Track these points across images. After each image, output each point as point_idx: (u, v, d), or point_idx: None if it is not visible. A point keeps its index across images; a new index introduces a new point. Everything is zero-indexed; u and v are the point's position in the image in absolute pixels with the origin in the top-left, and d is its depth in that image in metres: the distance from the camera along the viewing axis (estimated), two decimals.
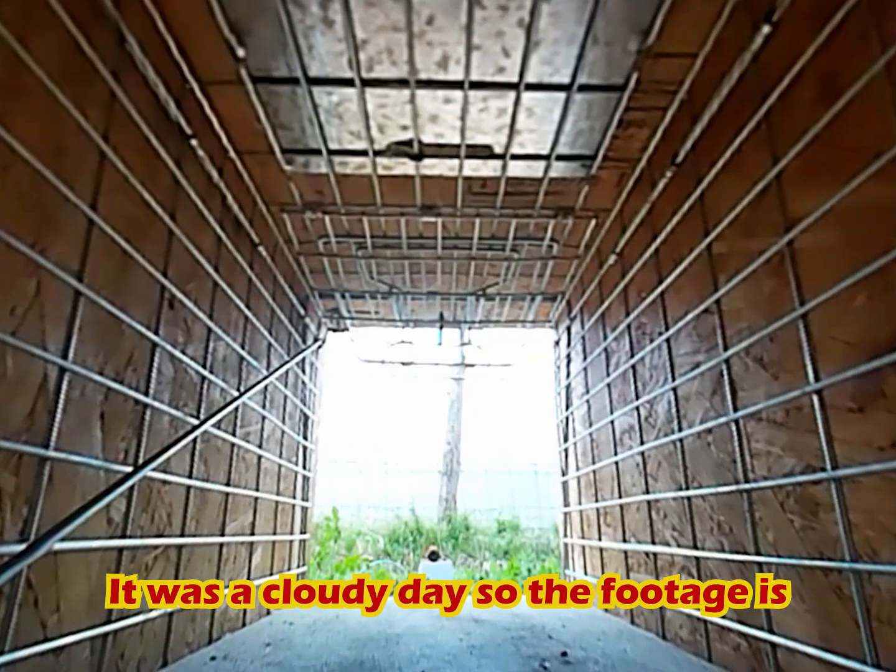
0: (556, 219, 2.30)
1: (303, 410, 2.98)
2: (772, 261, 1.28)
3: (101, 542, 1.20)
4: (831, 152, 1.10)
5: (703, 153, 1.60)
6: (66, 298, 1.10)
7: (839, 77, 1.07)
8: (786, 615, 1.23)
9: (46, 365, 1.04)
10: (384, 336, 3.82)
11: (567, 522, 3.15)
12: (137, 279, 1.35)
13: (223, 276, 1.84)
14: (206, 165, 1.71)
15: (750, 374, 1.37)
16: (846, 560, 1.04)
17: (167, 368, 1.50)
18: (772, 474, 1.28)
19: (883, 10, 0.98)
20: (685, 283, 1.71)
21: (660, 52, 1.51)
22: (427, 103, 1.69)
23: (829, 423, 1.10)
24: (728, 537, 1.47)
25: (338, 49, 1.51)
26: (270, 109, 1.73)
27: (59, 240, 1.07)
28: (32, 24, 1.00)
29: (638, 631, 1.98)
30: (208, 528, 1.76)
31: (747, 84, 1.37)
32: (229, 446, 1.93)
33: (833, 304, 1.09)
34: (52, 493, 1.05)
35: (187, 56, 1.52)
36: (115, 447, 1.26)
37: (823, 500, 1.12)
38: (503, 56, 1.52)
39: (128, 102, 1.28)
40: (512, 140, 1.83)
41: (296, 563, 2.87)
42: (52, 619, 1.06)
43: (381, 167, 2.00)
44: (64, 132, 1.09)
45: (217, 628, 1.81)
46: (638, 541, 2.07)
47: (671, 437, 1.78)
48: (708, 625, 1.54)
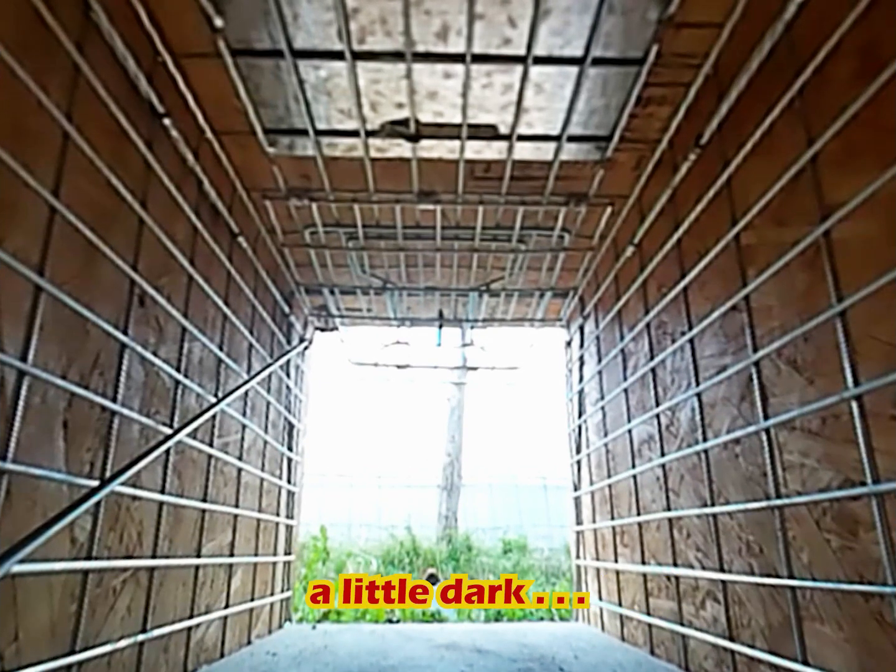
0: (567, 206, 2.30)
1: (287, 418, 2.98)
2: (806, 253, 1.28)
3: (65, 563, 1.20)
4: (872, 133, 1.10)
5: (730, 133, 1.60)
6: (26, 294, 1.10)
7: (880, 49, 1.07)
8: (822, 644, 1.23)
9: (3, 368, 1.04)
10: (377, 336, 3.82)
11: (580, 542, 3.16)
12: (104, 273, 1.35)
13: (199, 270, 1.84)
14: (180, 147, 1.71)
15: (782, 379, 1.37)
16: (889, 584, 1.04)
17: (137, 372, 1.50)
18: (806, 489, 1.28)
19: None
20: (710, 277, 1.71)
21: (682, 22, 1.51)
22: (425, 79, 1.69)
23: (870, 432, 1.10)
24: (758, 559, 1.47)
25: (326, 18, 1.51)
26: (251, 85, 1.74)
27: (17, 230, 1.07)
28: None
29: (658, 662, 1.98)
30: (183, 549, 1.76)
31: (779, 57, 1.37)
32: (206, 458, 1.93)
33: (874, 301, 1.09)
34: (10, 509, 1.05)
35: (159, 26, 1.51)
36: (80, 459, 1.26)
37: (863, 517, 1.12)
38: (509, 26, 1.52)
39: (94, 77, 1.28)
40: (519, 119, 1.83)
41: (279, 587, 2.87)
42: (10, 650, 1.06)
43: (374, 149, 2.00)
44: (22, 110, 1.09)
45: (193, 659, 1.81)
46: (658, 563, 2.07)
47: (695, 447, 1.78)
48: (736, 655, 1.54)
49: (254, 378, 2.19)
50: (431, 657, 2.07)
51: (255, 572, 2.48)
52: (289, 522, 3.02)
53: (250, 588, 2.42)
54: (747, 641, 1.50)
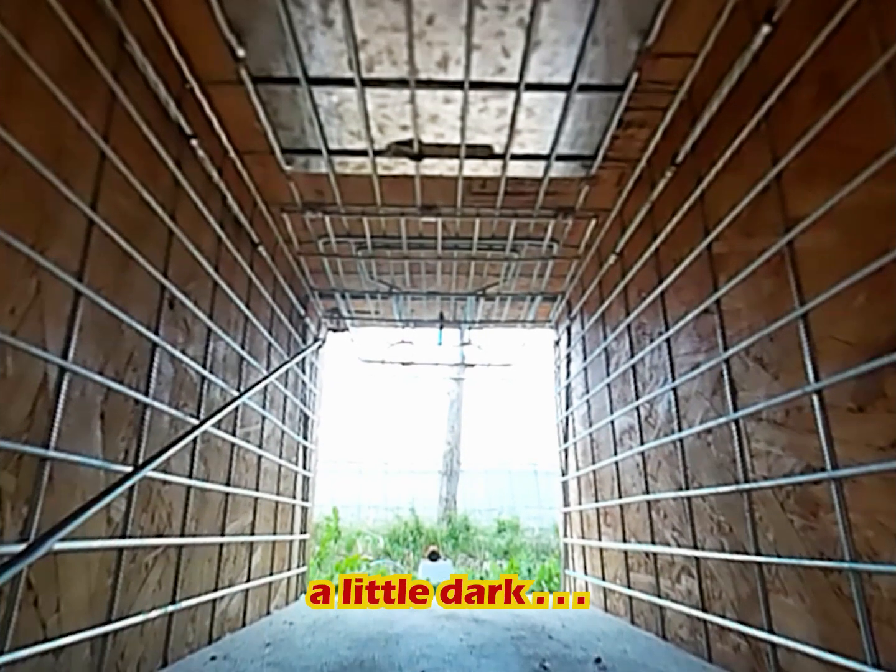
0: (556, 219, 2.30)
1: (303, 410, 2.98)
2: (772, 261, 1.28)
3: (101, 542, 1.20)
4: (831, 152, 1.10)
5: (702, 153, 1.60)
6: (66, 298, 1.10)
7: (839, 77, 1.07)
8: (786, 615, 1.23)
9: (46, 365, 1.04)
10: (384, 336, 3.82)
11: (567, 522, 3.16)
12: (137, 279, 1.35)
13: (223, 276, 1.84)
14: (206, 165, 1.71)
15: (750, 374, 1.37)
16: (846, 560, 1.04)
17: (167, 368, 1.50)
18: (772, 474, 1.28)
19: (883, 11, 0.98)
20: (685, 283, 1.71)
21: (660, 52, 1.51)
22: (427, 103, 1.69)
23: (830, 423, 1.10)
24: (728, 537, 1.47)
25: (338, 49, 1.51)
26: (270, 109, 1.73)
27: (59, 240, 1.07)
28: (32, 24, 1.00)
29: (638, 631, 1.98)
30: (208, 528, 1.76)
31: (747, 84, 1.37)
32: (229, 446, 1.93)
33: (833, 305, 1.09)
34: (52, 493, 1.05)
35: (187, 56, 1.52)
36: (115, 447, 1.26)
37: (823, 500, 1.12)
38: (503, 56, 1.52)
39: (128, 102, 1.28)
40: (512, 140, 1.83)
41: (296, 562, 2.87)
42: (52, 619, 1.06)
43: (381, 167, 2.00)
44: (64, 132, 1.09)
45: (217, 628, 1.81)
46: (638, 541, 2.07)
47: (671, 437, 1.78)
48: (708, 625, 1.54)
49: (272, 374, 2.19)
50: (433, 626, 2.07)
51: (274, 549, 2.48)
52: (304, 504, 3.02)
53: (269, 564, 2.42)
54: (718, 612, 1.50)
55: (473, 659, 1.57)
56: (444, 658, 1.58)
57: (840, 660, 1.05)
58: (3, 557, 0.91)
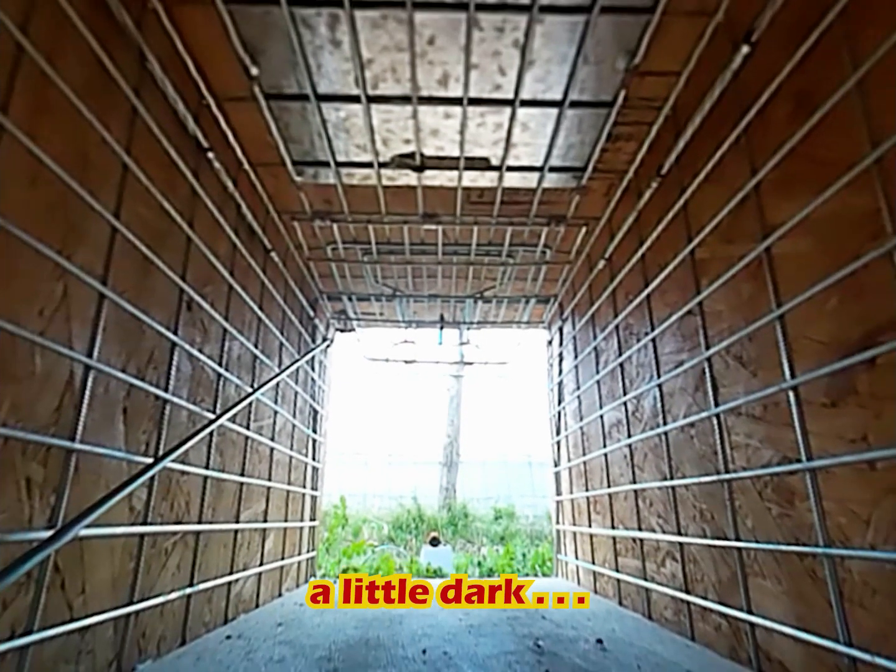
0: (548, 226, 2.30)
1: (312, 405, 2.98)
2: (750, 266, 1.28)
3: (124, 528, 1.21)
4: (806, 164, 1.10)
5: (686, 165, 1.60)
6: (91, 301, 1.10)
7: (813, 94, 1.07)
8: (764, 596, 1.23)
9: (73, 363, 1.04)
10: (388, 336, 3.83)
11: (559, 510, 3.16)
12: (157, 283, 1.35)
13: (238, 280, 1.84)
14: (221, 176, 1.71)
15: (730, 372, 1.37)
16: (820, 545, 1.04)
17: (185, 366, 1.50)
18: (751, 465, 1.28)
19: (854, 32, 0.98)
20: (670, 286, 1.71)
21: (646, 71, 1.51)
22: (428, 118, 1.69)
23: (804, 417, 1.10)
24: (710, 524, 1.47)
25: (345, 67, 1.51)
26: (282, 124, 1.74)
27: (84, 246, 1.07)
28: (59, 44, 1.00)
29: (625, 612, 1.98)
30: (224, 516, 1.76)
31: (727, 100, 1.37)
32: (243, 439, 1.93)
33: (807, 307, 1.09)
34: (78, 482, 1.05)
35: (204, 74, 1.52)
36: (137, 440, 1.27)
37: (799, 489, 1.12)
38: (499, 74, 1.52)
39: (148, 117, 1.28)
40: (508, 153, 1.83)
41: (306, 548, 2.87)
42: (78, 601, 1.06)
43: (386, 178, 2.00)
44: (88, 145, 1.09)
45: (232, 609, 1.81)
46: (625, 527, 2.07)
47: (656, 430, 1.78)
48: (691, 606, 1.54)
49: (284, 371, 2.19)
50: (434, 607, 2.07)
51: (285, 536, 2.48)
52: (313, 493, 3.02)
53: (281, 549, 2.42)
54: (701, 594, 1.50)
55: (472, 638, 1.57)
56: (444, 637, 1.58)
57: (814, 638, 1.05)
58: (33, 543, 0.92)
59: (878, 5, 0.94)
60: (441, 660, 1.34)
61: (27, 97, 0.92)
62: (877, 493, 0.93)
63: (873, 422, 0.93)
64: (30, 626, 0.93)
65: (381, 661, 1.32)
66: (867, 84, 0.95)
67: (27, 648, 0.92)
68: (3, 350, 0.88)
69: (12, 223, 0.88)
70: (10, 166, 0.89)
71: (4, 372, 0.88)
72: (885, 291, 0.90)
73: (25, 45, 0.91)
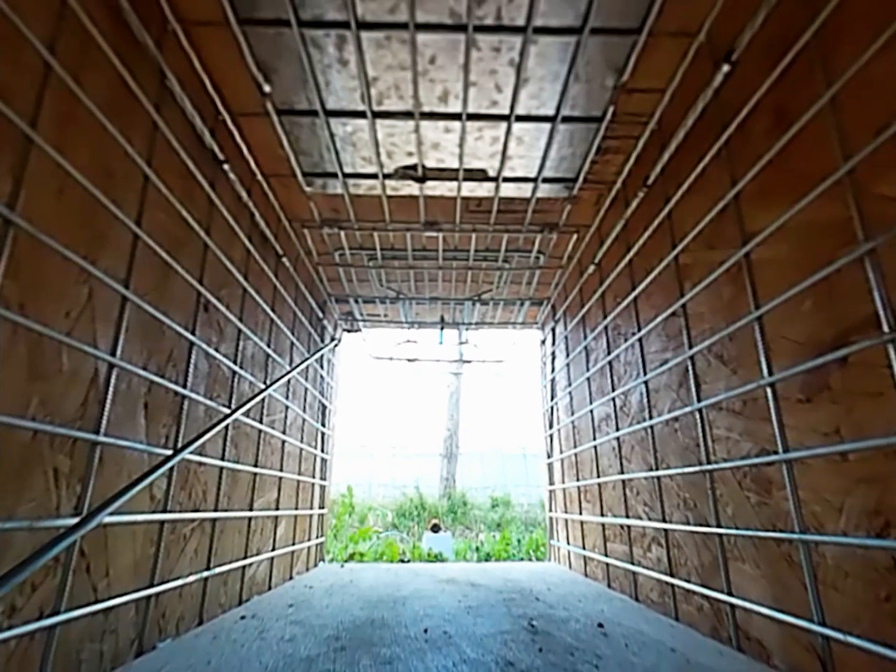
0: (542, 234, 2.30)
1: (321, 401, 2.98)
2: (731, 270, 1.28)
3: (145, 515, 1.20)
4: (783, 175, 1.10)
5: (670, 176, 1.60)
6: (115, 303, 1.10)
7: (790, 109, 1.07)
8: (743, 579, 1.23)
9: (97, 361, 1.04)
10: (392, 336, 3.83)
11: (552, 499, 3.16)
12: (176, 286, 1.35)
13: (251, 284, 1.84)
14: (236, 187, 1.71)
15: (712, 370, 1.37)
16: (796, 532, 1.04)
17: (202, 364, 1.50)
18: (731, 457, 1.28)
19: (828, 52, 0.98)
20: (655, 289, 1.71)
21: (633, 88, 1.51)
22: (430, 133, 1.69)
23: (781, 412, 1.10)
24: (693, 512, 1.47)
25: (351, 85, 1.51)
26: (293, 138, 1.73)
27: (107, 252, 1.07)
28: (85, 62, 1.00)
29: (614, 594, 1.98)
30: (238, 504, 1.76)
31: (709, 116, 1.37)
32: (257, 432, 1.93)
33: (784, 309, 1.09)
34: (102, 473, 1.05)
35: (220, 91, 1.52)
36: (157, 433, 1.26)
37: (776, 479, 1.12)
38: (496, 91, 1.52)
39: (168, 132, 1.28)
40: (504, 165, 1.83)
41: (315, 534, 2.87)
42: (102, 584, 1.06)
43: (390, 188, 2.00)
44: (112, 158, 1.09)
45: (246, 591, 1.81)
46: (614, 515, 2.07)
47: (643, 424, 1.78)
48: (675, 588, 1.54)
49: (294, 369, 2.19)
50: (435, 589, 2.07)
51: (296, 522, 2.48)
52: (322, 483, 3.02)
53: (292, 535, 2.42)
54: (684, 577, 1.50)
55: (470, 618, 1.57)
56: (444, 617, 1.58)
57: (790, 619, 1.05)
58: (60, 529, 0.92)
59: (849, 27, 0.94)
60: (441, 638, 1.34)
61: (55, 112, 0.92)
62: (849, 482, 0.93)
63: (845, 416, 0.93)
64: (57, 608, 0.93)
65: (385, 640, 1.32)
66: (840, 100, 0.95)
67: (55, 628, 0.92)
68: (32, 349, 0.88)
69: (41, 230, 0.88)
70: (39, 177, 0.89)
71: (34, 369, 0.88)
72: (856, 294, 0.90)
73: (53, 63, 0.91)
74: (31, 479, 0.88)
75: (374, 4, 1.26)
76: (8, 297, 0.83)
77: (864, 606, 0.89)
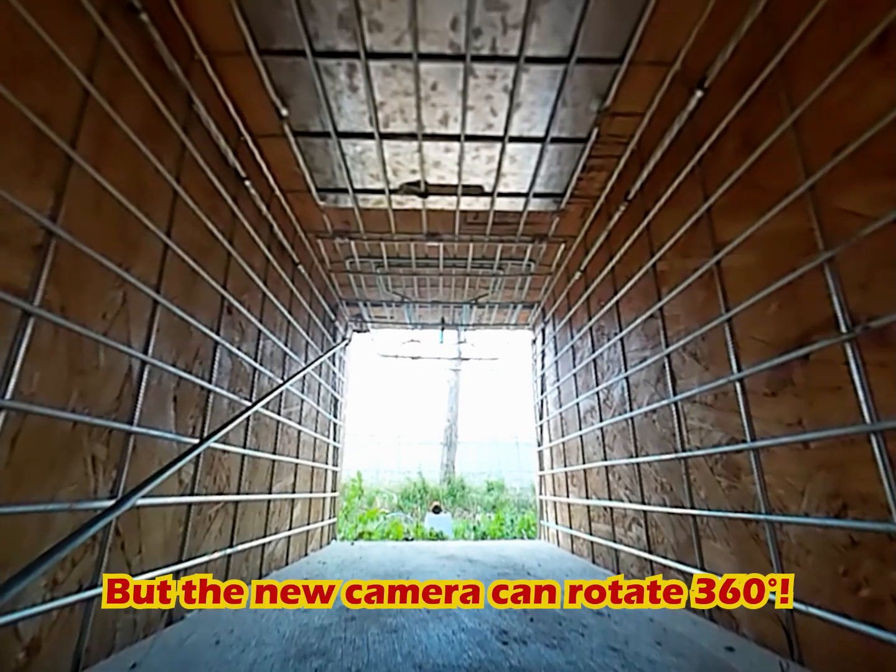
0: (533, 243, 2.30)
1: (333, 394, 2.98)
2: (703, 276, 1.28)
3: (174, 498, 1.21)
4: (750, 191, 1.10)
5: (649, 191, 1.60)
6: (147, 306, 1.10)
7: (757, 131, 1.07)
8: (715, 556, 1.23)
9: (131, 359, 1.04)
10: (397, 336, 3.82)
11: (542, 483, 3.16)
12: (203, 291, 1.35)
13: (270, 289, 1.84)
14: (256, 201, 1.71)
15: (686, 366, 1.37)
16: (762, 513, 1.04)
17: (226, 361, 1.50)
18: (703, 445, 1.28)
19: (791, 80, 0.98)
20: (635, 294, 1.71)
21: (615, 112, 1.51)
22: (431, 152, 1.69)
23: (749, 404, 1.10)
24: (669, 495, 1.47)
25: (361, 109, 1.51)
26: (307, 157, 1.74)
27: (140, 260, 1.07)
28: (120, 89, 1.00)
29: (598, 569, 1.98)
30: (258, 488, 1.76)
31: (684, 137, 1.37)
32: (275, 423, 1.93)
33: (752, 311, 1.09)
34: (136, 460, 1.05)
35: (242, 114, 1.52)
36: (185, 424, 1.26)
37: (744, 465, 1.12)
38: (491, 115, 1.52)
39: (195, 151, 1.28)
40: (498, 181, 1.83)
41: (327, 515, 2.87)
42: (136, 560, 1.06)
43: (395, 203, 2.00)
44: (144, 175, 1.09)
45: (265, 566, 1.81)
46: (598, 497, 2.07)
47: (624, 415, 1.78)
48: (653, 564, 1.54)
49: (309, 366, 2.19)
50: (436, 565, 2.07)
51: (310, 504, 2.48)
52: (334, 469, 3.02)
53: (307, 516, 2.42)
54: (661, 554, 1.50)
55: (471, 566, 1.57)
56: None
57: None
58: (97, 511, 0.92)
59: (810, 58, 0.94)
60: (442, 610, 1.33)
61: (93, 134, 0.92)
62: (810, 468, 0.93)
63: (807, 408, 0.93)
64: (95, 581, 0.93)
65: (391, 611, 1.32)
66: (801, 123, 0.95)
67: (92, 600, 0.92)
68: (73, 348, 0.88)
69: (80, 241, 0.88)
70: (78, 192, 0.89)
71: (74, 366, 0.88)
72: (817, 298, 0.91)
73: (91, 90, 0.91)
74: (72, 466, 0.89)
75: (381, 36, 1.26)
76: (51, 300, 0.83)
77: (823, 580, 0.89)
